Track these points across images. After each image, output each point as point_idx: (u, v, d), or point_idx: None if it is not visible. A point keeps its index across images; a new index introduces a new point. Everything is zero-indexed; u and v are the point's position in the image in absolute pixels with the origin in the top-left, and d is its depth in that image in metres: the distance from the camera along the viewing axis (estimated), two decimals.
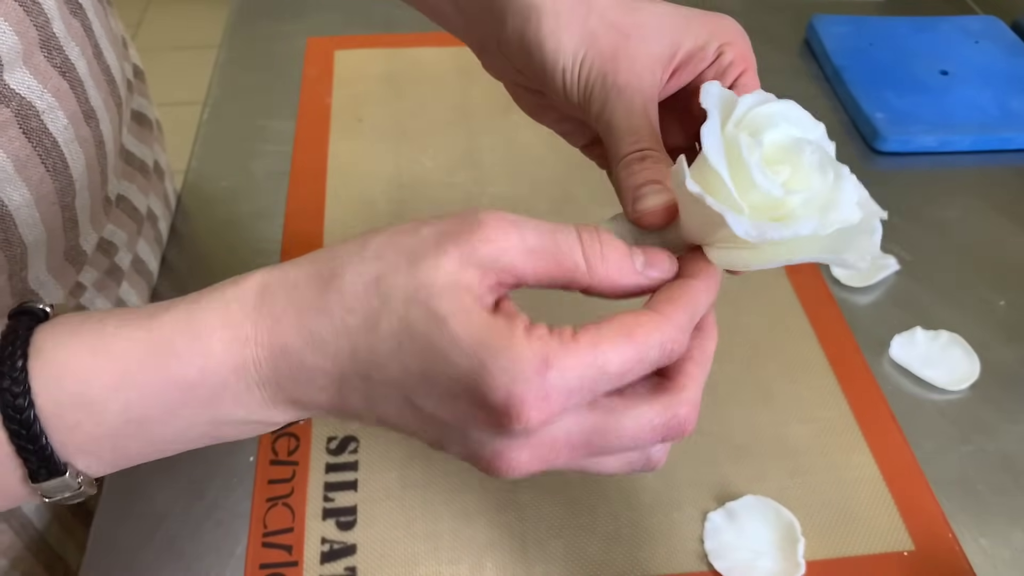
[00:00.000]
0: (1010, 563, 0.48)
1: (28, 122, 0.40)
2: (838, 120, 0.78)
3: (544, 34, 0.37)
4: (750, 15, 0.91)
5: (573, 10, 0.37)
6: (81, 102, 0.43)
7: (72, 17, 0.43)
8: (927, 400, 0.56)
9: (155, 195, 0.62)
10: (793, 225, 0.29)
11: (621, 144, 0.35)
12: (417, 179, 0.71)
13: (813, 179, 0.31)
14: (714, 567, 0.47)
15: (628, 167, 0.35)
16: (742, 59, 0.37)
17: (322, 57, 0.83)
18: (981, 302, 0.62)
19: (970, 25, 0.86)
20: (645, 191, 0.34)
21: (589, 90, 0.37)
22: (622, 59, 0.36)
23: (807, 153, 0.31)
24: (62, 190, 0.42)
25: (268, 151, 0.73)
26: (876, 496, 0.50)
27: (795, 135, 0.31)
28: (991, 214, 0.69)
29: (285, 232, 0.66)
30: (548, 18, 0.37)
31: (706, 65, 0.37)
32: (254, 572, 0.47)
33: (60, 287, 0.46)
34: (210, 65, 0.83)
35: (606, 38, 0.36)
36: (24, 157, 0.40)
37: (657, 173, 0.34)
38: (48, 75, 0.41)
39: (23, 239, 0.41)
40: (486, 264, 0.29)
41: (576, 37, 0.36)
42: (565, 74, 0.37)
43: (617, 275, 0.31)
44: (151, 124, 0.62)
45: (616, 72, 0.36)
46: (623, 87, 0.36)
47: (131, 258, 0.57)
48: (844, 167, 0.31)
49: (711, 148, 0.30)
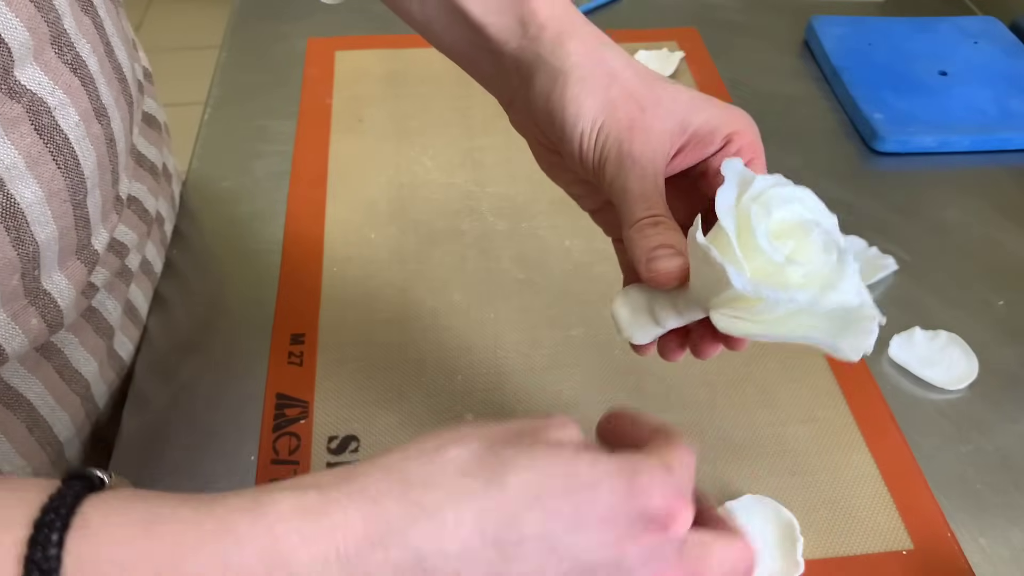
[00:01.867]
0: (1009, 562, 0.48)
1: (39, 118, 0.40)
2: (837, 120, 0.78)
3: (568, 98, 0.39)
4: (750, 15, 0.91)
5: (598, 79, 0.39)
6: (92, 99, 0.43)
7: (83, 14, 0.43)
8: (926, 400, 0.56)
9: (163, 198, 0.62)
10: (791, 290, 0.30)
11: (635, 209, 0.37)
12: (417, 179, 0.71)
13: (816, 256, 0.32)
14: None
15: (642, 231, 0.36)
16: (750, 148, 0.39)
17: (323, 58, 0.83)
18: (980, 302, 0.62)
19: (969, 26, 0.86)
20: (659, 253, 0.35)
21: (605, 156, 0.38)
22: (637, 130, 0.37)
23: (814, 233, 0.32)
24: (74, 187, 0.43)
25: (269, 151, 0.73)
26: (875, 495, 0.51)
27: (806, 216, 0.32)
28: (990, 214, 0.69)
29: (286, 232, 0.66)
30: (574, 84, 0.39)
31: (714, 150, 0.39)
32: None
33: (72, 287, 0.46)
34: (211, 66, 0.83)
35: (624, 108, 0.38)
36: (36, 154, 0.40)
37: (669, 238, 0.35)
38: (59, 71, 0.41)
39: (35, 237, 0.41)
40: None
41: (597, 104, 0.38)
42: (584, 138, 0.38)
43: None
44: (160, 126, 0.62)
45: (631, 141, 0.37)
46: (637, 156, 0.37)
47: (140, 260, 0.58)
48: (851, 256, 0.32)
49: (723, 209, 0.31)
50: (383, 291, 0.62)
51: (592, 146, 0.38)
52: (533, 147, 0.44)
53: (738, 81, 0.82)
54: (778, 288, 0.30)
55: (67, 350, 0.50)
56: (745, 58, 0.85)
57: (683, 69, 0.83)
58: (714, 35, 0.87)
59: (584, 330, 0.59)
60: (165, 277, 0.63)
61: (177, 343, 0.59)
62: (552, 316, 0.60)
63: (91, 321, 0.52)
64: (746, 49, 0.86)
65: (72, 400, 0.51)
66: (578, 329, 0.59)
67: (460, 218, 0.68)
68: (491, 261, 0.64)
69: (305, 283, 0.62)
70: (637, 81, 0.39)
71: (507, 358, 0.58)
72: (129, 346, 0.57)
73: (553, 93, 0.39)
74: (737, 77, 0.82)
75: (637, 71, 0.40)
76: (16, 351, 0.44)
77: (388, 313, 0.61)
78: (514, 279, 0.63)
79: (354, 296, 0.62)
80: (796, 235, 0.32)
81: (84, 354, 0.51)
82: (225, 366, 0.57)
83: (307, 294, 0.61)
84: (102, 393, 0.54)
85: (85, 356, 0.51)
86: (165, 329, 0.60)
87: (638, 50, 0.84)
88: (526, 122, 0.43)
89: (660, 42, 0.86)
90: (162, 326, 0.60)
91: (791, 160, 0.74)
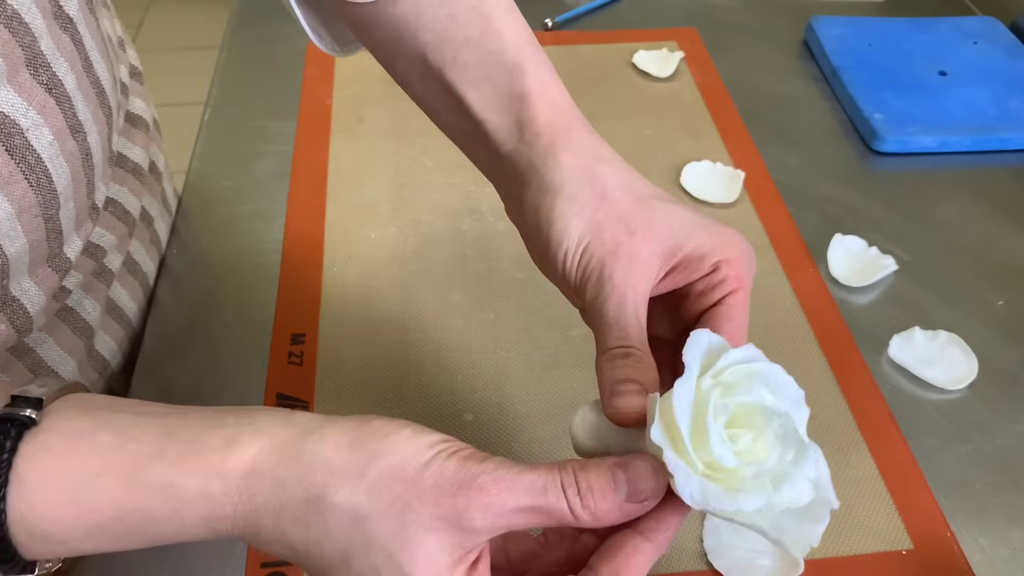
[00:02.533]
0: (1009, 562, 0.48)
1: (11, 139, 0.39)
2: (837, 121, 0.78)
3: (556, 215, 0.38)
4: (750, 15, 0.91)
5: (588, 199, 0.38)
6: (68, 117, 0.43)
7: (62, 32, 0.43)
8: (926, 400, 0.56)
9: (151, 196, 0.62)
10: (739, 499, 0.30)
11: (608, 337, 0.36)
12: (417, 179, 0.71)
13: (772, 451, 0.31)
14: (713, 566, 0.47)
15: (612, 361, 0.36)
16: (736, 279, 0.38)
17: (323, 58, 0.83)
18: (979, 302, 0.62)
19: (969, 26, 0.86)
20: (623, 388, 0.35)
21: (586, 277, 0.38)
22: (622, 255, 0.37)
23: (774, 425, 0.31)
24: (45, 203, 0.42)
25: (269, 152, 0.73)
26: (875, 495, 0.51)
27: (767, 404, 0.32)
28: (989, 214, 0.69)
29: (286, 232, 0.66)
30: (562, 201, 0.38)
31: (699, 276, 0.38)
32: (255, 571, 0.47)
33: (42, 293, 0.46)
34: (211, 66, 0.83)
35: (611, 231, 0.37)
36: (6, 174, 0.39)
37: (637, 373, 0.35)
38: (33, 92, 0.40)
39: (4, 251, 0.41)
40: (480, 530, 0.31)
41: (584, 224, 0.37)
42: (567, 256, 0.38)
43: (603, 516, 0.32)
44: (147, 125, 0.62)
45: (614, 266, 0.37)
46: (617, 284, 0.36)
47: (122, 259, 0.57)
48: (813, 445, 0.32)
49: (679, 406, 0.31)
50: (383, 291, 0.62)
51: (575, 266, 0.38)
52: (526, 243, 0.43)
53: (738, 81, 0.82)
54: (727, 498, 0.30)
55: (40, 349, 0.50)
56: (745, 58, 0.85)
57: (683, 69, 0.83)
58: (714, 35, 0.88)
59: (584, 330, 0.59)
60: (163, 277, 0.63)
61: (176, 343, 0.59)
62: (552, 316, 0.60)
63: (67, 321, 0.51)
64: (746, 49, 0.87)
65: None
66: (578, 329, 0.59)
67: (460, 218, 0.68)
68: (491, 261, 0.64)
69: (305, 283, 0.62)
70: (629, 201, 0.38)
71: (507, 358, 0.58)
72: (112, 345, 0.57)
73: (541, 207, 0.38)
74: (737, 77, 0.82)
75: (630, 189, 0.38)
76: None
77: (388, 313, 0.61)
78: (514, 279, 0.63)
79: (354, 296, 0.62)
80: (755, 424, 0.32)
81: (60, 353, 0.51)
82: (225, 366, 0.57)
83: (307, 294, 0.61)
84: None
85: (61, 355, 0.51)
86: (163, 329, 0.60)
87: (638, 50, 0.84)
88: (518, 222, 0.42)
89: (660, 42, 0.86)
90: (160, 326, 0.60)
91: (791, 160, 0.74)
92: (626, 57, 0.84)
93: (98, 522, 0.32)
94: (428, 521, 0.31)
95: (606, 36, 0.87)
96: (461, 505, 0.30)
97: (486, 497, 0.31)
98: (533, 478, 0.31)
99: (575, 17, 0.90)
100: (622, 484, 0.32)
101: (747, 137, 0.76)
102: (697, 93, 0.80)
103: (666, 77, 0.82)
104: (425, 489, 0.31)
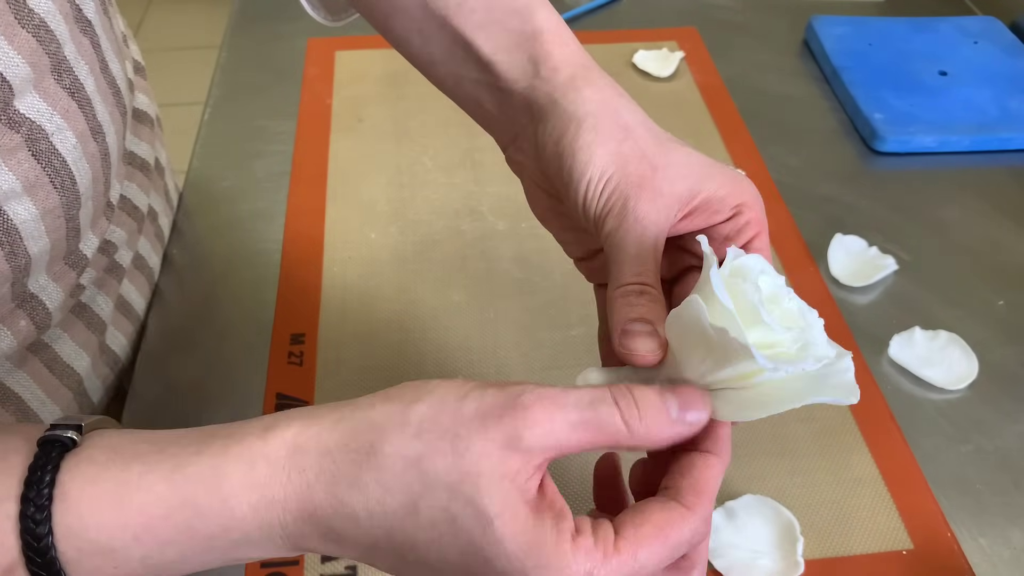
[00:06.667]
0: (1009, 562, 0.48)
1: (37, 144, 0.40)
2: (837, 121, 0.78)
3: (579, 145, 0.38)
4: (750, 15, 0.91)
5: (612, 131, 0.38)
6: (89, 119, 0.43)
7: (82, 36, 0.43)
8: (926, 400, 0.56)
9: (156, 192, 0.62)
10: (799, 362, 0.31)
11: (624, 270, 0.36)
12: (417, 179, 0.71)
13: (797, 321, 0.33)
14: (713, 566, 0.47)
15: (625, 297, 0.35)
16: (757, 222, 0.38)
17: (323, 57, 0.83)
18: (980, 302, 0.62)
19: (969, 26, 0.86)
20: (636, 328, 0.34)
21: (608, 208, 0.37)
22: (646, 189, 0.37)
23: (786, 300, 0.33)
24: (68, 204, 0.43)
25: (269, 151, 0.73)
26: (875, 495, 0.51)
27: (778, 283, 0.33)
28: (990, 214, 0.69)
29: (286, 232, 0.66)
30: (587, 131, 0.38)
31: (722, 219, 0.38)
32: (255, 571, 0.47)
33: (60, 290, 0.47)
34: (211, 65, 0.83)
35: (636, 165, 0.37)
36: (33, 178, 0.40)
37: (650, 312, 0.35)
38: (58, 97, 0.41)
39: (28, 251, 0.42)
40: (534, 448, 0.30)
41: (609, 155, 0.37)
42: (590, 186, 0.38)
43: (656, 431, 0.31)
44: (151, 121, 0.62)
45: (639, 199, 0.37)
46: (641, 216, 0.36)
47: (132, 255, 0.58)
48: (813, 311, 0.34)
49: (720, 288, 0.31)
50: (383, 291, 0.62)
51: (597, 196, 0.38)
52: (529, 189, 0.44)
53: (738, 81, 0.82)
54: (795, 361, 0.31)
55: (56, 345, 0.50)
56: (745, 58, 0.85)
57: (683, 69, 0.83)
58: (714, 35, 0.87)
59: (584, 330, 0.59)
60: (164, 275, 0.63)
61: (176, 342, 0.59)
62: (552, 316, 0.60)
63: (82, 317, 0.52)
64: (746, 49, 0.86)
65: (63, 394, 0.51)
66: (578, 329, 0.59)
67: (460, 218, 0.68)
68: (491, 261, 0.64)
69: (305, 283, 0.62)
70: (650, 139, 0.38)
71: (507, 358, 0.58)
72: (122, 340, 0.57)
73: (564, 138, 0.38)
74: (737, 77, 0.82)
75: (650, 128, 0.39)
76: (4, 351, 0.45)
77: (388, 313, 0.61)
78: (514, 279, 0.63)
79: (354, 296, 0.62)
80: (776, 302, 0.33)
81: (75, 348, 0.51)
82: (225, 366, 0.57)
83: (307, 294, 0.61)
84: (96, 388, 0.54)
85: (76, 350, 0.51)
86: (164, 328, 0.60)
87: (638, 50, 0.84)
88: (527, 163, 0.42)
89: (660, 42, 0.86)
90: (161, 325, 0.60)
91: (791, 160, 0.74)
92: (626, 57, 0.84)
93: (145, 523, 0.31)
94: (480, 447, 0.30)
95: (606, 36, 0.87)
96: (508, 425, 0.30)
97: (533, 414, 0.30)
98: (580, 394, 0.31)
99: (575, 17, 0.90)
100: (672, 402, 0.32)
101: (747, 137, 0.76)
102: (697, 93, 0.80)
103: (666, 77, 0.82)
104: (470, 417, 0.30)
